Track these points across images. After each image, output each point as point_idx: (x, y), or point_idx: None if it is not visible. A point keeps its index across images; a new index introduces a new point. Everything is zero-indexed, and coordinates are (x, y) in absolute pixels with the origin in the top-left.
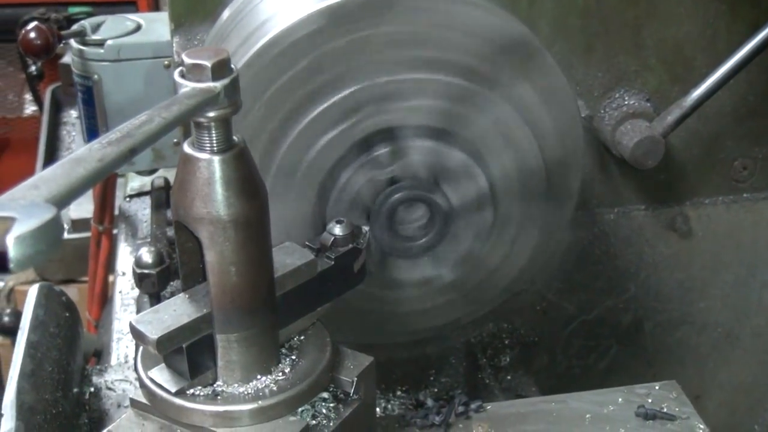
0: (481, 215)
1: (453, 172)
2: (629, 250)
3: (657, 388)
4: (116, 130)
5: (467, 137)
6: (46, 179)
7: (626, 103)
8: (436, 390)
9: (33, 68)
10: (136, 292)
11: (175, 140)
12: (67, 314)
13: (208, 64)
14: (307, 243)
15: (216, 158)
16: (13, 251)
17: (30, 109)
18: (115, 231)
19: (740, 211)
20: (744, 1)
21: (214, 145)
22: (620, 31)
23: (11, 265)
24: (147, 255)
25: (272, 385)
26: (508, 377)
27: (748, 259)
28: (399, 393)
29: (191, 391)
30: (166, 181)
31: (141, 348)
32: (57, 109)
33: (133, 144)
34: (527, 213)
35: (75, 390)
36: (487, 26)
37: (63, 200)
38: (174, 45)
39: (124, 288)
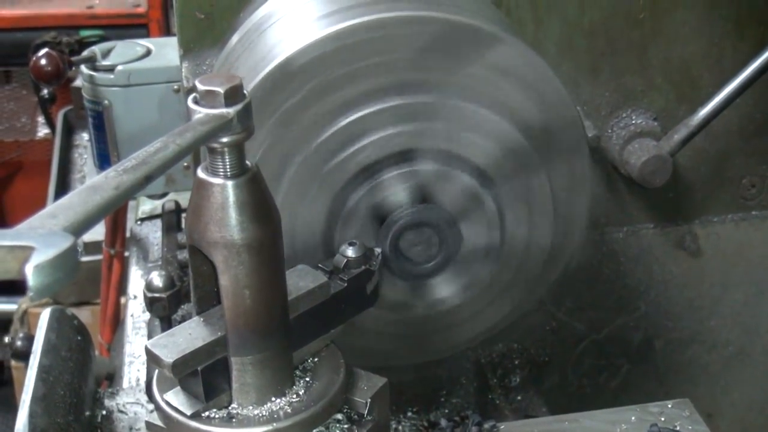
0: (482, 208)
1: (435, 183)
2: (639, 268)
3: (670, 406)
4: (131, 158)
5: (430, 147)
6: (63, 208)
7: (633, 122)
8: (446, 411)
9: (45, 91)
10: (148, 315)
11: (186, 164)
12: (79, 338)
13: (221, 90)
14: (320, 265)
15: (229, 183)
16: (32, 280)
17: (42, 132)
18: (126, 254)
19: (749, 228)
20: (749, 19)
21: (228, 170)
22: (626, 51)
23: (30, 294)
24: (157, 279)
25: (287, 407)
26: (519, 397)
27: (758, 277)
28: (410, 414)
29: (206, 413)
30: (177, 204)
31: (156, 371)
32: (69, 132)
33: (148, 171)
34: (530, 184)
35: (87, 413)
36: (403, 37)
37: (80, 228)
38: (183, 70)
39: (136, 311)
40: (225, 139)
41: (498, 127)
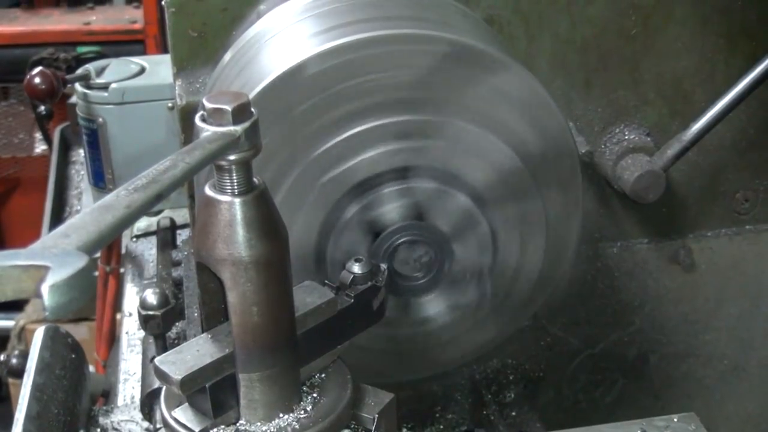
0: (477, 230)
1: (431, 201)
2: (633, 283)
3: (676, 420)
4: (142, 176)
5: (430, 165)
6: (75, 227)
7: (626, 137)
8: (441, 427)
9: (42, 108)
10: (143, 332)
11: None
12: (73, 356)
13: (228, 108)
14: (326, 282)
15: (237, 200)
16: (48, 300)
17: (40, 148)
18: (122, 270)
19: (743, 243)
20: (741, 34)
21: (235, 187)
22: (619, 67)
23: (46, 314)
24: (152, 296)
25: (294, 423)
26: (513, 413)
27: (753, 291)
28: (405, 430)
29: (214, 430)
30: (172, 221)
31: (164, 388)
32: (66, 148)
33: (159, 189)
34: (525, 210)
35: (81, 431)
36: (411, 55)
37: (93, 247)
38: (176, 88)
39: (131, 328)
40: (232, 157)
41: (498, 150)
